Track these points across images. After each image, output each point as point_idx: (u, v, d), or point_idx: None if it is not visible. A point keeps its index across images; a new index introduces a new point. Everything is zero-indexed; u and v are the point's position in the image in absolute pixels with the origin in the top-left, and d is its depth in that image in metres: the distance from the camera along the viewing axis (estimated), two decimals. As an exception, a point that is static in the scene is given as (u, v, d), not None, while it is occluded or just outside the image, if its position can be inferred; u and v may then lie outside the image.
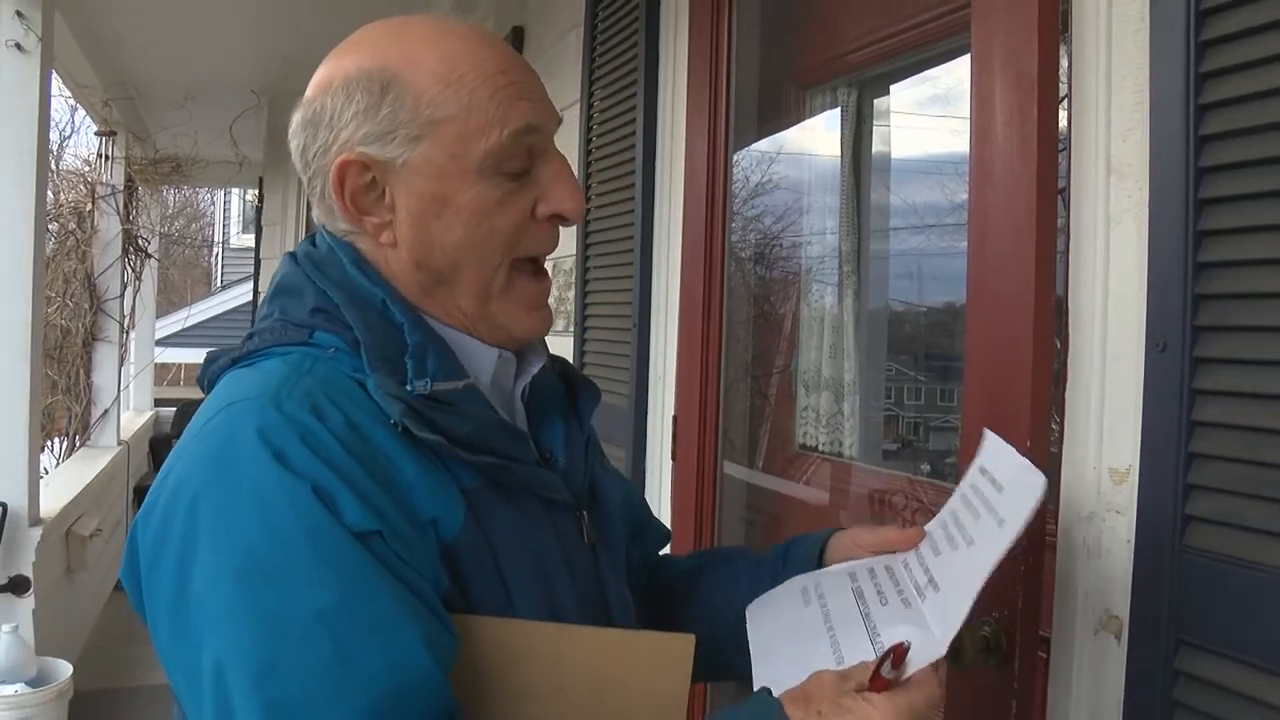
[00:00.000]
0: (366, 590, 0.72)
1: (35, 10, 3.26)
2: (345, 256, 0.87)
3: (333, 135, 0.86)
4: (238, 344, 0.88)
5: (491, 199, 0.85)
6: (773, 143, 2.36)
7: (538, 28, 3.30)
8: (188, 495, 0.75)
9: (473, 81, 0.84)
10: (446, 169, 0.84)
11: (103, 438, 5.69)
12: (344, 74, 0.86)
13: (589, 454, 0.98)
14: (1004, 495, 0.90)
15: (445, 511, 0.80)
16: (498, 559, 0.82)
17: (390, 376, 0.81)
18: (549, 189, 0.88)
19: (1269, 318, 0.90)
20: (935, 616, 0.85)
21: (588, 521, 0.93)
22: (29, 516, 3.32)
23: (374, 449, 0.78)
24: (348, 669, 0.70)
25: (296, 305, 0.87)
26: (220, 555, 0.72)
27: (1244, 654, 0.89)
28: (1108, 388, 1.07)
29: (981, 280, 1.23)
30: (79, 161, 7.56)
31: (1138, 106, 1.03)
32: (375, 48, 0.87)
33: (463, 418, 0.82)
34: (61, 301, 5.51)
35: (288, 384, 0.79)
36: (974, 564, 0.86)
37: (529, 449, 0.89)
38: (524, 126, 0.85)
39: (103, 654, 4.53)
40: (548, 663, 0.81)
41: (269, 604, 0.71)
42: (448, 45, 0.85)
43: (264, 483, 0.73)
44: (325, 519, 0.73)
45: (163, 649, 0.78)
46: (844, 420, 2.12)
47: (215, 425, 0.78)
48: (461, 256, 0.86)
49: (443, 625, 0.76)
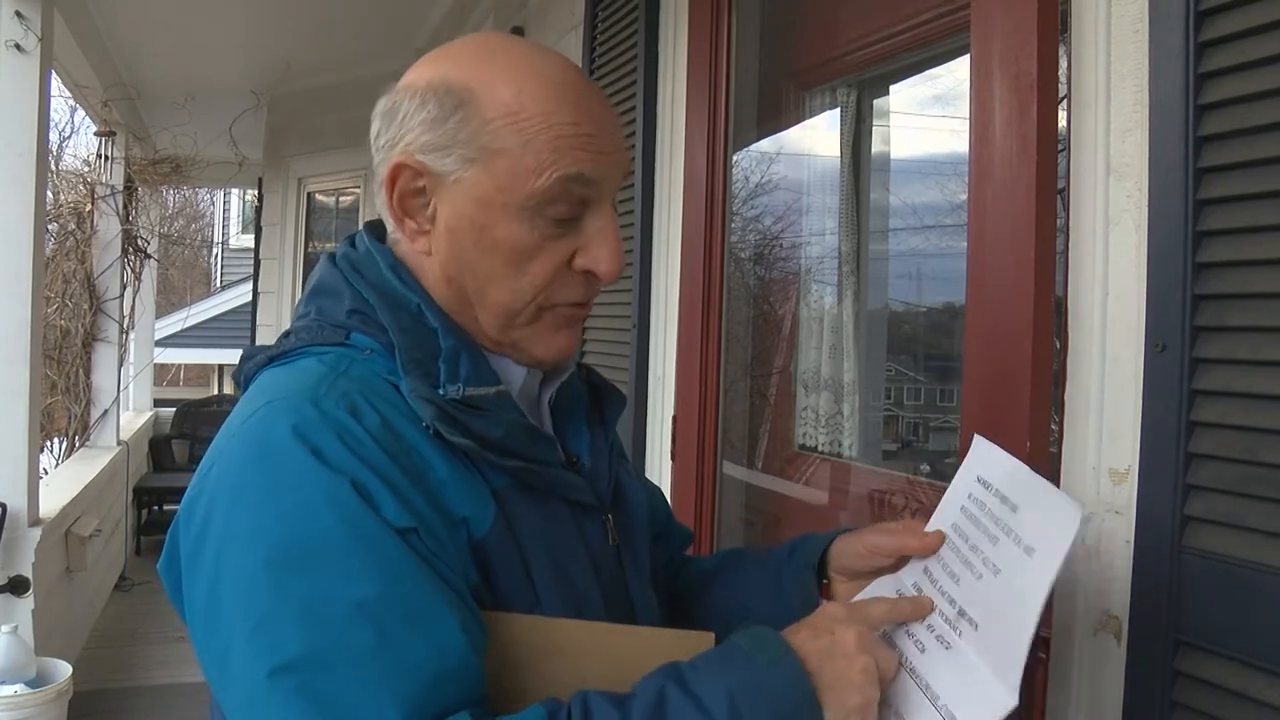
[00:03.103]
0: (406, 582, 0.74)
1: (35, 10, 3.26)
2: (383, 260, 0.89)
3: (399, 134, 0.87)
4: (274, 343, 0.90)
5: (528, 240, 0.85)
6: (772, 143, 2.36)
7: (538, 28, 3.30)
8: (228, 491, 0.77)
9: (537, 124, 0.84)
10: (491, 199, 0.84)
11: (102, 438, 5.70)
12: (428, 80, 0.87)
13: (613, 458, 1.00)
14: (1023, 517, 0.86)
15: (476, 510, 0.82)
16: (525, 558, 0.84)
17: (423, 380, 0.83)
18: (590, 243, 0.87)
19: (1268, 318, 0.90)
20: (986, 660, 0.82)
21: (612, 524, 0.95)
22: (28, 517, 3.32)
23: (408, 448, 0.80)
24: (391, 658, 0.72)
25: (334, 306, 0.89)
26: (260, 548, 0.74)
27: (1243, 654, 0.89)
28: (1107, 388, 1.07)
29: (981, 280, 1.23)
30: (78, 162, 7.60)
31: (1137, 107, 1.03)
32: (465, 63, 0.87)
33: (493, 422, 0.83)
34: (61, 302, 5.51)
35: (325, 383, 0.81)
36: (1012, 600, 0.83)
37: (556, 453, 0.91)
38: (574, 175, 0.84)
39: (102, 654, 4.53)
40: (572, 658, 0.82)
41: (310, 595, 0.72)
42: (529, 82, 0.85)
43: (303, 478, 0.75)
44: (364, 513, 0.74)
45: (198, 641, 0.79)
46: (843, 420, 2.12)
47: (254, 423, 0.80)
48: (490, 286, 0.87)
49: (475, 617, 0.78)
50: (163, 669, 4.37)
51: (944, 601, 0.89)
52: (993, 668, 0.81)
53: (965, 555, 0.90)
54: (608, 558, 0.93)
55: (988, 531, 0.89)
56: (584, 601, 0.87)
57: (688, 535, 1.20)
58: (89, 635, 4.72)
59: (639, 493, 1.01)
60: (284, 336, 0.90)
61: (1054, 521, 0.83)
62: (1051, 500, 0.85)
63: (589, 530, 0.92)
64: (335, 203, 6.89)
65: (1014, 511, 0.87)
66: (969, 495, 0.94)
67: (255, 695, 0.72)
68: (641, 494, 1.02)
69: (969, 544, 0.90)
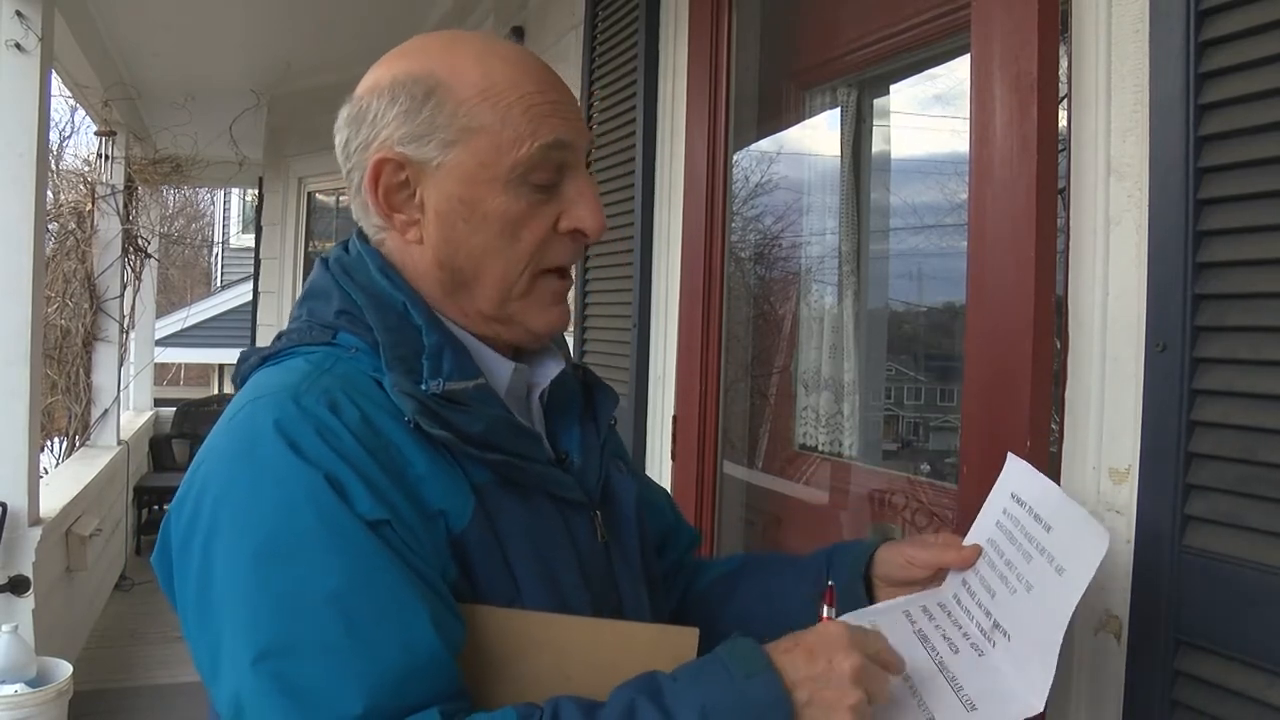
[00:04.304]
0: (376, 574, 0.76)
1: (35, 10, 3.26)
2: (372, 262, 0.92)
3: (374, 133, 0.90)
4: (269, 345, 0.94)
5: (517, 209, 0.89)
6: (773, 142, 2.36)
7: (538, 27, 3.30)
8: (215, 484, 0.80)
9: (510, 97, 0.88)
10: (476, 176, 0.88)
11: (102, 437, 5.70)
12: (392, 77, 0.90)
13: (604, 456, 1.01)
14: (1055, 537, 0.90)
15: (454, 504, 0.83)
16: (506, 552, 0.85)
17: (405, 376, 0.85)
18: (572, 204, 0.91)
19: (1269, 318, 0.90)
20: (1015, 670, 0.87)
21: (600, 520, 0.96)
22: (29, 516, 3.32)
23: (387, 443, 0.82)
24: (359, 649, 0.74)
25: (323, 308, 0.92)
26: (240, 540, 0.77)
27: (1243, 653, 0.89)
28: (1107, 388, 1.07)
29: (981, 280, 1.23)
30: (79, 161, 7.59)
31: (1137, 107, 1.03)
32: (425, 56, 0.91)
33: (474, 416, 0.85)
34: (61, 301, 5.51)
35: (308, 380, 0.84)
36: (1042, 616, 0.86)
37: (541, 448, 0.92)
38: (553, 141, 0.88)
39: (102, 654, 4.53)
40: (553, 652, 0.83)
41: (284, 586, 0.75)
42: (492, 62, 0.89)
43: (281, 471, 0.78)
44: (337, 506, 0.77)
45: (190, 633, 0.82)
46: (844, 420, 2.12)
47: (241, 419, 0.83)
48: (485, 261, 0.90)
49: (450, 611, 0.79)
50: (163, 669, 4.37)
51: (980, 613, 0.93)
52: (1023, 676, 0.85)
53: (1001, 570, 0.94)
54: (596, 554, 0.94)
55: (1022, 548, 0.92)
56: (569, 597, 0.88)
57: (696, 536, 1.21)
58: (89, 635, 4.72)
59: (630, 490, 1.02)
60: (277, 338, 0.93)
61: (1084, 544, 0.87)
62: (1082, 524, 0.89)
63: (576, 526, 0.93)
64: (336, 202, 6.88)
65: (1047, 531, 0.91)
66: (1004, 511, 0.97)
67: (241, 681, 0.75)
68: (632, 491, 1.02)
69: (1004, 559, 0.94)
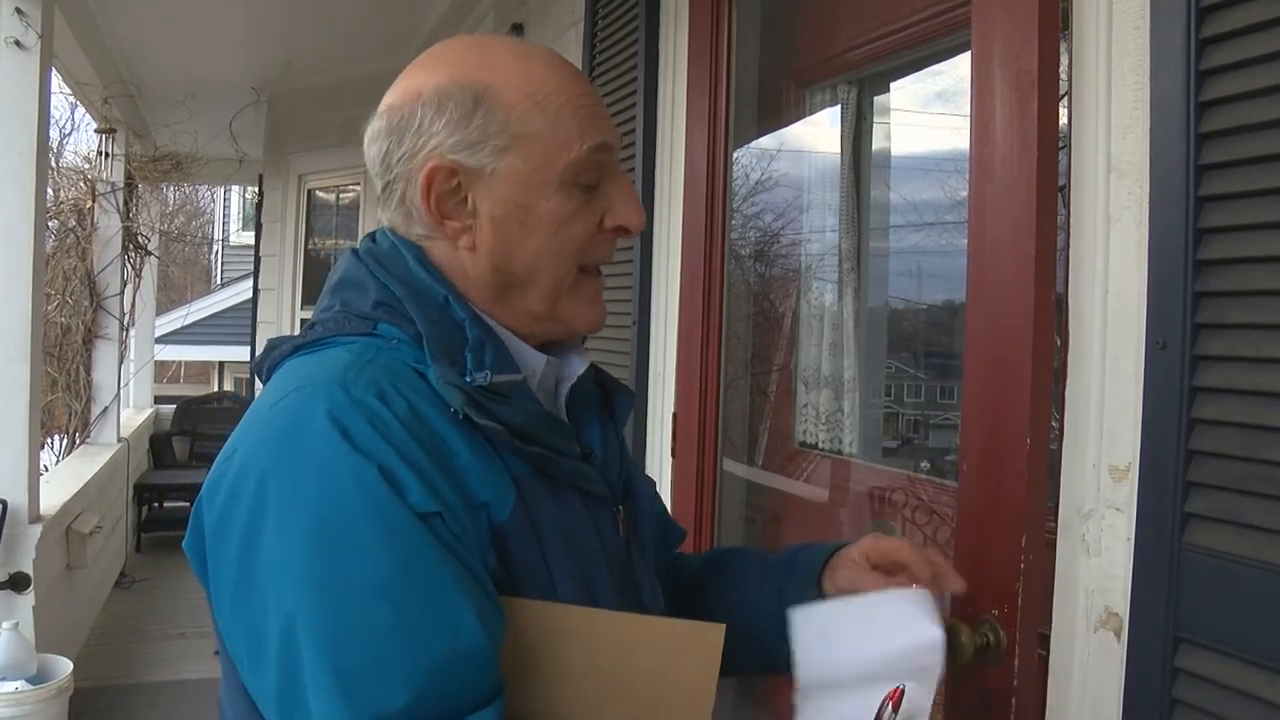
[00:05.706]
0: (426, 565, 0.77)
1: (35, 7, 3.26)
2: (410, 254, 0.92)
3: (421, 142, 0.90)
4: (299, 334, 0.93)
5: (568, 209, 0.90)
6: (773, 140, 2.36)
7: (538, 24, 3.30)
8: (256, 471, 0.79)
9: (557, 101, 0.90)
10: (530, 180, 0.89)
11: (102, 435, 5.70)
12: (435, 86, 0.90)
13: (624, 452, 1.02)
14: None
15: (497, 496, 0.84)
16: (543, 545, 0.86)
17: (451, 368, 0.86)
18: (616, 203, 0.93)
19: (1269, 315, 0.90)
20: None
21: (622, 516, 0.98)
22: (29, 513, 3.32)
23: (433, 433, 0.82)
24: (406, 639, 0.75)
25: (359, 298, 0.91)
26: (289, 528, 0.77)
27: (1243, 651, 0.89)
28: (1107, 385, 1.07)
29: (981, 278, 1.23)
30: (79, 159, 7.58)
31: (1138, 104, 1.03)
32: (464, 64, 0.91)
33: (516, 409, 0.87)
34: (61, 299, 5.50)
35: (353, 370, 0.83)
36: None
37: (573, 443, 0.94)
38: (600, 144, 0.91)
39: (103, 651, 4.53)
40: (585, 645, 0.84)
41: (334, 574, 0.76)
42: (533, 67, 0.91)
43: (332, 460, 0.78)
44: (390, 497, 0.77)
45: (224, 618, 0.82)
46: (844, 418, 2.12)
47: (284, 406, 0.82)
48: (539, 262, 0.91)
49: (493, 603, 0.80)
50: (163, 666, 4.38)
51: None
52: None
53: None
54: (618, 549, 0.95)
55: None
56: (597, 591, 0.90)
57: (682, 534, 1.22)
58: (89, 632, 4.72)
59: (647, 487, 1.04)
60: (309, 327, 0.93)
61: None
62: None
63: (601, 521, 0.94)
64: (336, 199, 6.89)
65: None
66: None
67: (289, 668, 0.76)
68: (649, 489, 1.04)
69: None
